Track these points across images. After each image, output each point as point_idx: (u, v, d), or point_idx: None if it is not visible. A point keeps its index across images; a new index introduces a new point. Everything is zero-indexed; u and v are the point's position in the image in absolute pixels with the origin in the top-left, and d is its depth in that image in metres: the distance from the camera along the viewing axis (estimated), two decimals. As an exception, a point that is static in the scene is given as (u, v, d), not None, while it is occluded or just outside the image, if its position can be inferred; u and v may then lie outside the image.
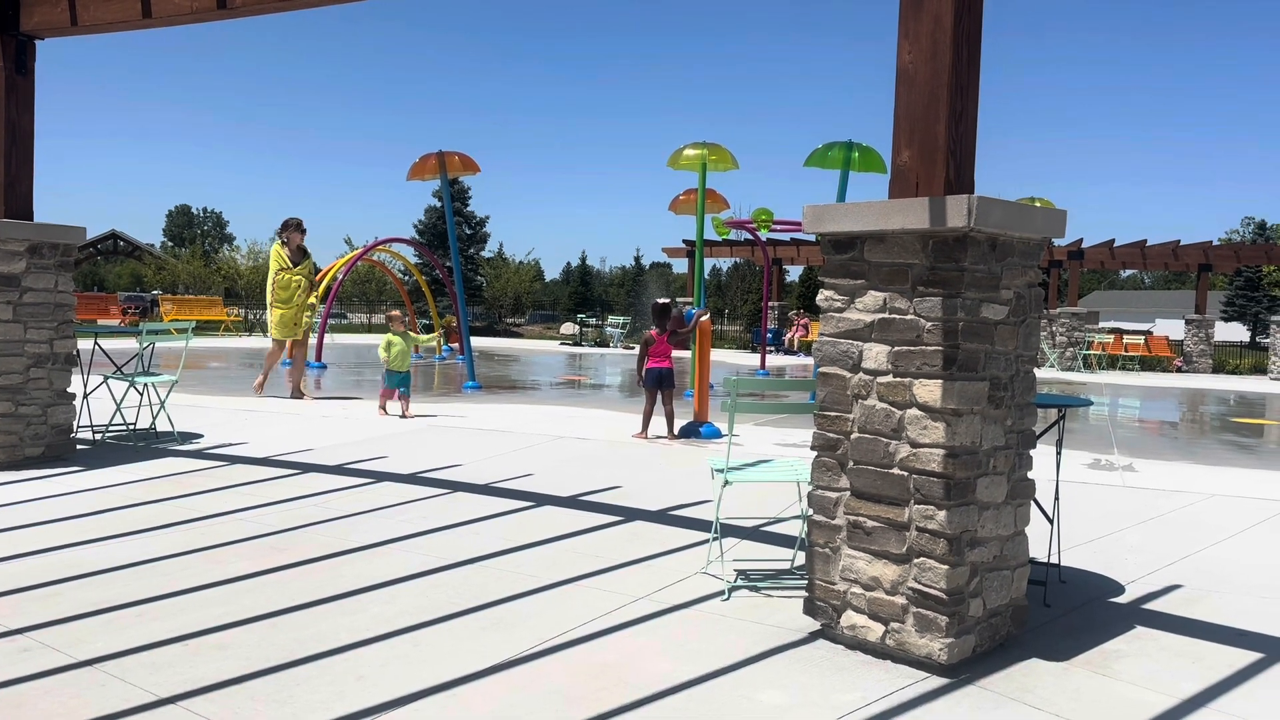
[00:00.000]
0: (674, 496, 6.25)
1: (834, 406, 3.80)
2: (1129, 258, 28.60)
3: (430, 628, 3.83)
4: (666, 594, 4.27)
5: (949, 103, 3.58)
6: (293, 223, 11.46)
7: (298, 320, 11.40)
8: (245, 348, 22.81)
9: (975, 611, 3.57)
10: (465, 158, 13.47)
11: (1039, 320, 3.89)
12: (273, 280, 11.33)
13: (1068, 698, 3.28)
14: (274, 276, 11.33)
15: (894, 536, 3.59)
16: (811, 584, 3.85)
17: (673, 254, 33.61)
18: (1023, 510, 3.82)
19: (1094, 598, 4.40)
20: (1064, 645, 3.76)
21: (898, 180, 3.73)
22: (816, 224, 3.85)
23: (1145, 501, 6.53)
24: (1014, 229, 3.60)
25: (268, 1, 6.29)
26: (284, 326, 11.33)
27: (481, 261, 48.31)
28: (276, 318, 11.31)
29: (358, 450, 7.76)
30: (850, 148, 12.70)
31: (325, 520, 5.50)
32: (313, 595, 4.18)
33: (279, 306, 11.29)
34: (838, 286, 3.82)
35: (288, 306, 11.30)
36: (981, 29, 3.67)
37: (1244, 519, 6.05)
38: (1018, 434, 3.78)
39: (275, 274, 11.32)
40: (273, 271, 11.38)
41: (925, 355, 3.53)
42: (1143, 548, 5.28)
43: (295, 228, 11.42)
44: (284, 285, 11.26)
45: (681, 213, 16.35)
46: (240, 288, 36.00)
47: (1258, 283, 53.43)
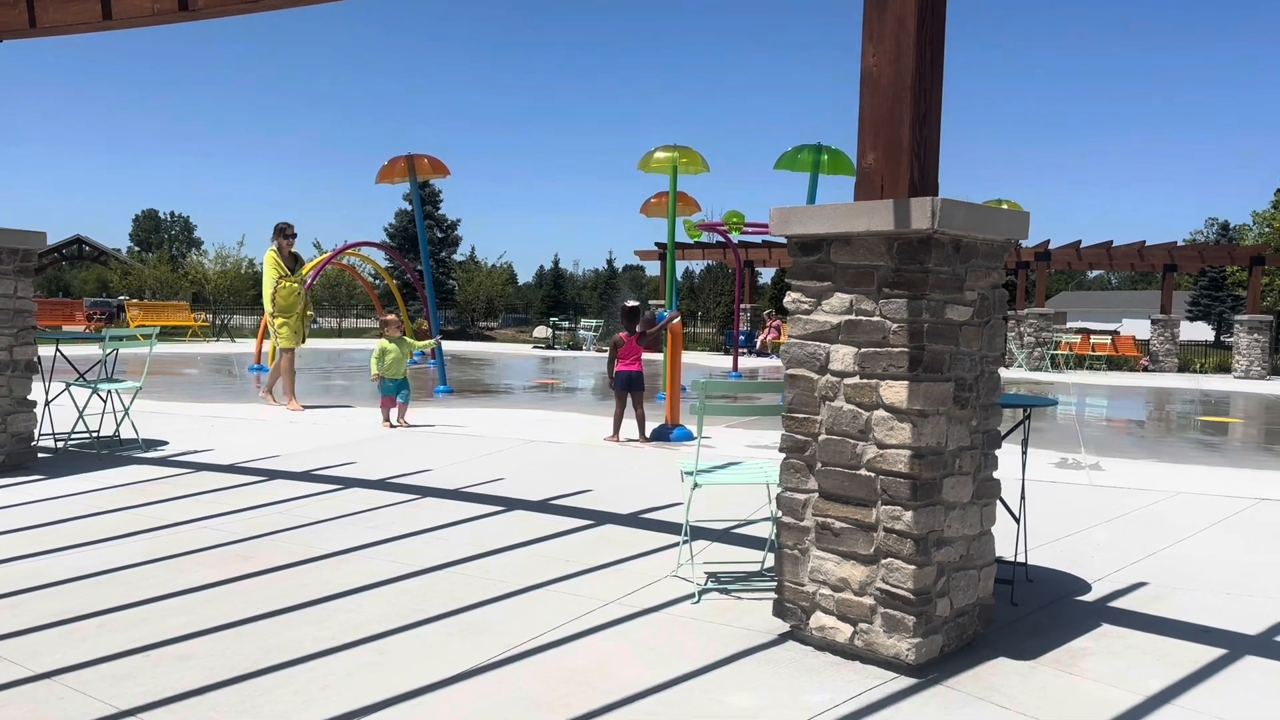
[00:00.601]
0: (645, 500, 6.24)
1: (802, 408, 3.81)
2: (1095, 259, 28.91)
3: (397, 635, 3.79)
4: (637, 598, 4.26)
5: (913, 105, 3.60)
6: (280, 228, 11.13)
7: (298, 329, 11.12)
8: (212, 353, 22.58)
9: (942, 611, 3.59)
10: (435, 160, 13.41)
11: (1003, 321, 3.91)
12: (273, 289, 10.98)
13: (1035, 696, 3.30)
14: (274, 285, 10.97)
15: (862, 537, 3.60)
16: (781, 586, 3.85)
17: (645, 256, 33.60)
18: (988, 510, 3.84)
19: (1061, 596, 4.43)
20: (1031, 644, 3.78)
21: (863, 183, 3.74)
22: (783, 226, 3.85)
23: (1111, 500, 6.60)
24: (978, 231, 3.61)
25: (231, 4, 6.22)
26: (292, 335, 11.04)
27: (453, 265, 48.07)
28: (282, 329, 10.97)
29: (325, 456, 7.70)
30: (819, 150, 12.77)
31: (291, 528, 5.44)
32: (278, 604, 4.13)
33: (283, 318, 10.96)
34: (805, 288, 3.82)
35: (290, 315, 11.00)
36: (945, 32, 3.69)
37: (1208, 517, 6.12)
38: (983, 434, 3.80)
39: (275, 282, 10.97)
40: (270, 280, 11.03)
41: (891, 357, 3.54)
42: (1109, 546, 5.33)
43: (283, 233, 11.08)
44: (285, 294, 10.95)
45: (653, 215, 16.36)
46: (208, 293, 35.62)
47: (1221, 283, 54.19)
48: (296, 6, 6.24)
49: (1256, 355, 24.89)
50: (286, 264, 11.04)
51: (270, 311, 11.00)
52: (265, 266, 11.18)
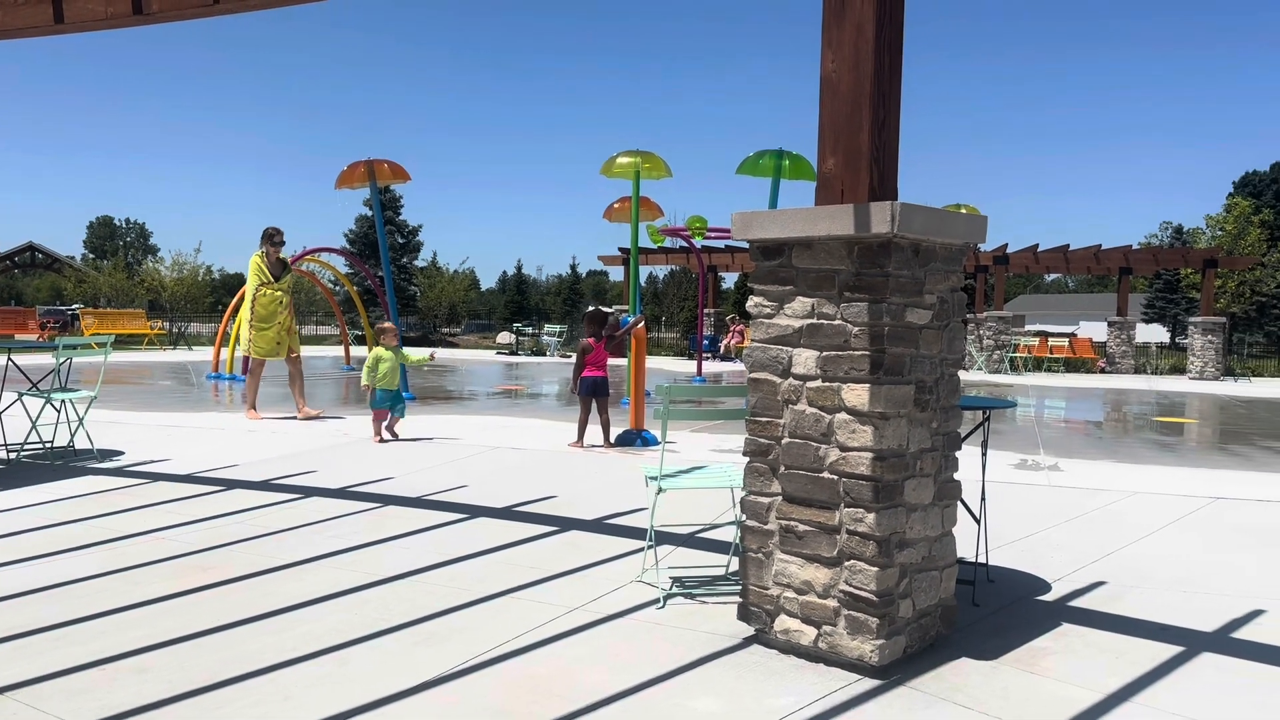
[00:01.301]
0: (610, 505, 6.23)
1: (765, 412, 3.82)
2: (1052, 262, 29.34)
3: (359, 645, 3.75)
4: (602, 604, 4.25)
5: (872, 111, 3.63)
6: (268, 233, 10.78)
7: (280, 339, 10.71)
8: (169, 361, 22.25)
9: (905, 613, 3.61)
10: (395, 165, 13.32)
11: (962, 324, 3.95)
12: (252, 296, 10.63)
13: (997, 696, 3.33)
14: (254, 291, 10.62)
15: (825, 540, 3.62)
16: (745, 589, 3.86)
17: (609, 262, 33.61)
18: (949, 511, 3.87)
19: (1021, 596, 4.48)
20: (992, 644, 3.82)
21: (824, 187, 3.77)
22: (745, 231, 3.86)
23: (1070, 500, 6.69)
24: (936, 235, 3.65)
25: (187, 8, 6.15)
26: (267, 346, 10.64)
27: (415, 271, 47.81)
28: (255, 337, 10.60)
29: (285, 465, 7.60)
30: (780, 155, 12.85)
31: (251, 538, 5.36)
32: (237, 615, 4.07)
33: (259, 325, 10.58)
34: (767, 293, 3.84)
35: (268, 325, 10.60)
36: (903, 39, 3.72)
37: (1164, 516, 6.22)
38: (943, 436, 3.84)
39: (256, 289, 10.61)
40: (252, 286, 10.67)
41: (853, 360, 3.56)
42: (1068, 546, 5.40)
43: (270, 239, 10.75)
44: (266, 302, 10.59)
45: (616, 220, 16.37)
46: (165, 300, 35.13)
47: (1176, 285, 55.17)
48: (254, 10, 6.18)
49: (1210, 356, 25.37)
50: (271, 270, 10.70)
51: (248, 319, 10.65)
52: (249, 272, 10.83)
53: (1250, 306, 48.37)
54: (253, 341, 10.65)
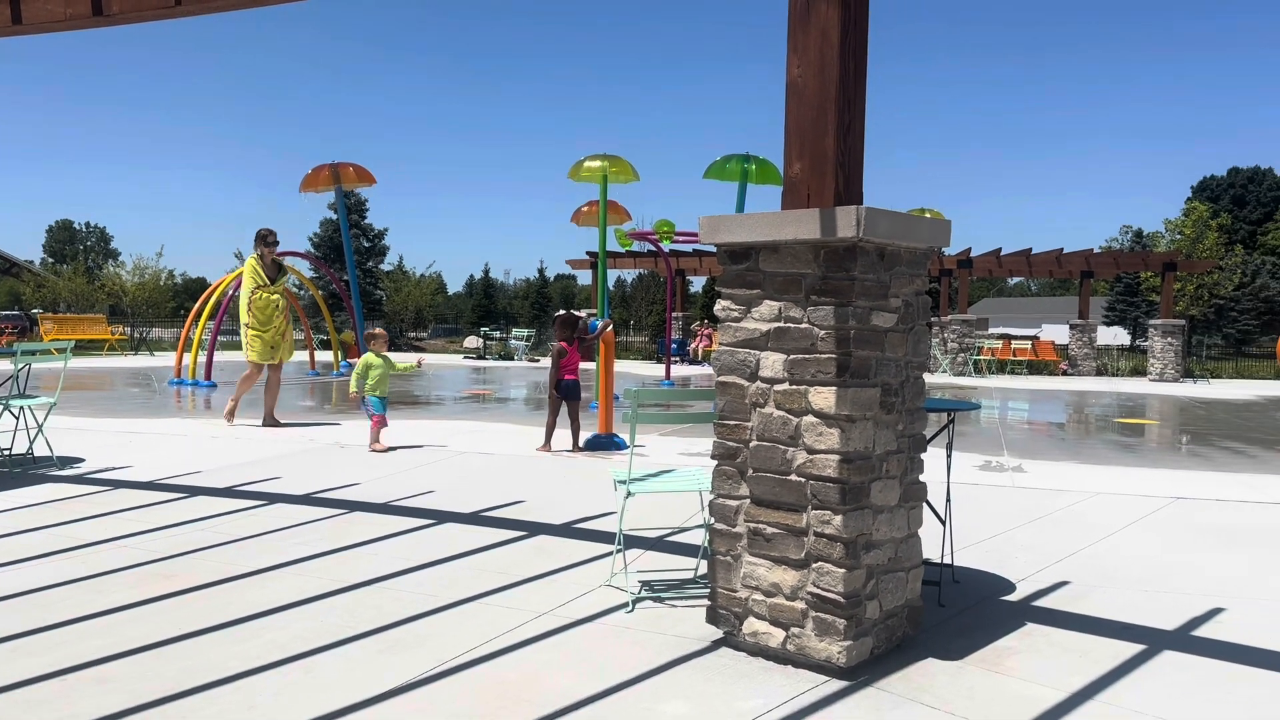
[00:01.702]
0: (578, 509, 6.22)
1: (733, 415, 3.83)
2: (1015, 266, 29.68)
3: (325, 652, 3.71)
4: (570, 608, 4.24)
5: (837, 116, 3.65)
6: (262, 235, 10.63)
7: (275, 344, 10.56)
8: (131, 367, 21.94)
9: (872, 614, 3.64)
10: (360, 169, 13.24)
11: (927, 327, 3.99)
12: (249, 299, 10.46)
13: (962, 696, 3.36)
14: (250, 294, 10.46)
15: (793, 542, 3.63)
16: (714, 592, 3.87)
17: (577, 265, 33.58)
18: (915, 513, 3.90)
19: (986, 596, 4.52)
20: (958, 644, 3.85)
21: (790, 192, 3.79)
22: (712, 235, 3.88)
23: (1034, 501, 6.76)
24: (901, 239, 3.68)
25: (148, 9, 6.07)
26: (264, 350, 10.48)
27: (381, 275, 47.47)
28: (254, 340, 10.44)
29: (249, 471, 7.52)
30: (747, 160, 12.92)
31: (215, 545, 5.30)
32: (201, 623, 4.02)
33: (256, 329, 10.42)
34: (734, 296, 3.85)
35: (265, 329, 10.44)
36: (867, 44, 3.76)
37: (1126, 516, 6.31)
38: (909, 438, 3.87)
39: (251, 292, 10.45)
40: (248, 289, 10.51)
41: (819, 363, 3.58)
42: (1032, 546, 5.46)
43: (264, 240, 10.59)
44: (262, 306, 10.42)
45: (584, 224, 16.38)
46: (126, 305, 34.64)
47: (1136, 288, 55.98)
48: (216, 12, 6.11)
49: (1170, 358, 25.77)
50: (268, 273, 10.54)
51: (246, 321, 10.47)
52: (244, 275, 10.66)
53: (1209, 309, 49.18)
54: (249, 345, 10.48)
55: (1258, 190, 63.62)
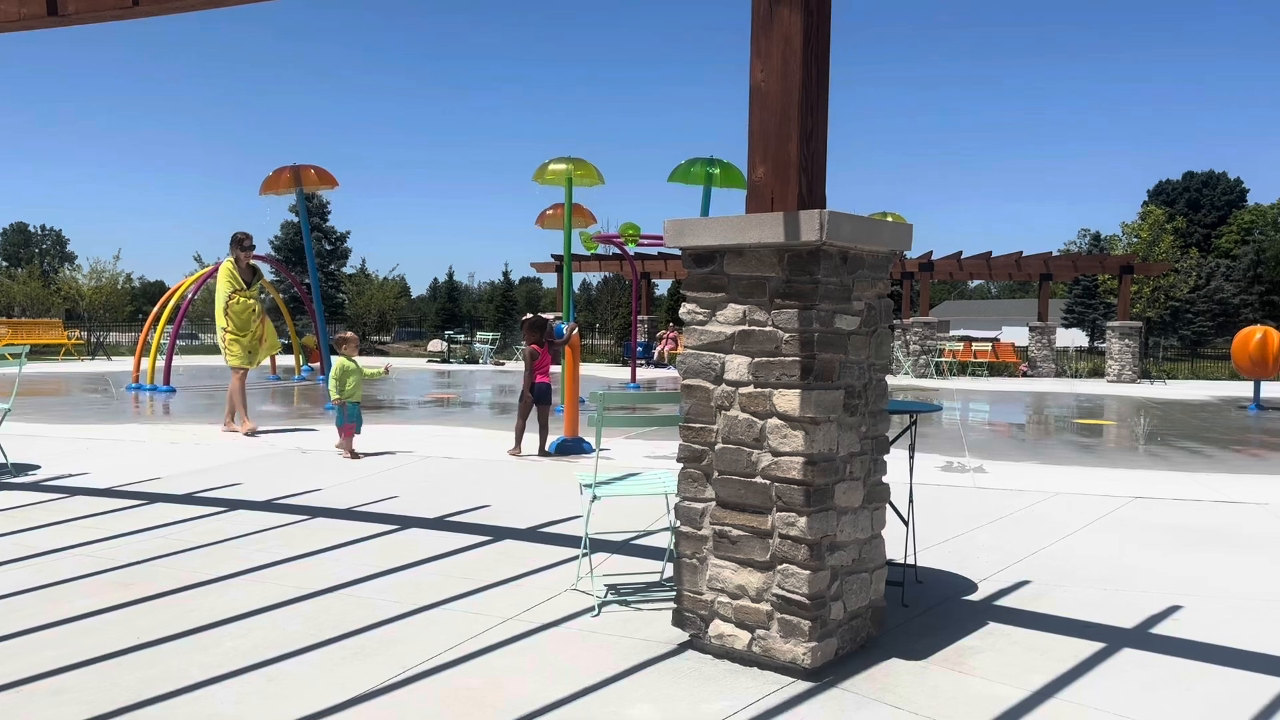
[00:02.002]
0: (544, 513, 6.21)
1: (698, 418, 3.84)
2: (976, 269, 30.04)
3: (288, 660, 3.67)
4: (536, 613, 4.23)
5: (800, 120, 3.68)
6: (238, 238, 10.45)
7: (254, 348, 10.41)
8: (88, 372, 21.59)
9: (837, 615, 3.66)
10: (322, 171, 13.12)
11: (889, 330, 4.02)
12: (225, 304, 10.28)
13: (926, 695, 3.39)
14: (226, 299, 10.27)
15: (758, 544, 3.65)
16: (680, 595, 3.87)
17: (542, 269, 33.52)
18: (879, 514, 3.93)
19: (949, 596, 4.57)
20: (921, 644, 3.88)
21: (754, 196, 3.81)
22: (677, 238, 3.89)
23: (995, 501, 6.85)
24: (864, 242, 3.71)
25: (104, 9, 5.97)
26: (244, 355, 10.33)
27: (343, 278, 47.10)
28: (233, 345, 10.27)
29: (209, 478, 7.43)
30: (711, 164, 12.97)
31: (174, 553, 5.22)
32: (160, 632, 3.96)
33: (235, 334, 10.26)
34: (699, 300, 3.86)
35: (244, 334, 10.29)
36: (829, 50, 3.78)
37: (1085, 515, 6.40)
38: (872, 440, 3.90)
39: (228, 296, 10.27)
40: (223, 294, 10.32)
41: (784, 366, 3.60)
42: (993, 546, 5.53)
43: (240, 243, 10.41)
44: (239, 311, 10.26)
45: (549, 227, 16.36)
46: (83, 309, 34.07)
47: (1094, 290, 56.83)
48: (173, 13, 6.03)
49: (1128, 360, 26.19)
50: (243, 277, 10.39)
51: (223, 326, 10.31)
52: (219, 279, 10.48)
53: (1165, 311, 50.06)
54: (228, 350, 10.32)
55: (1212, 194, 64.88)
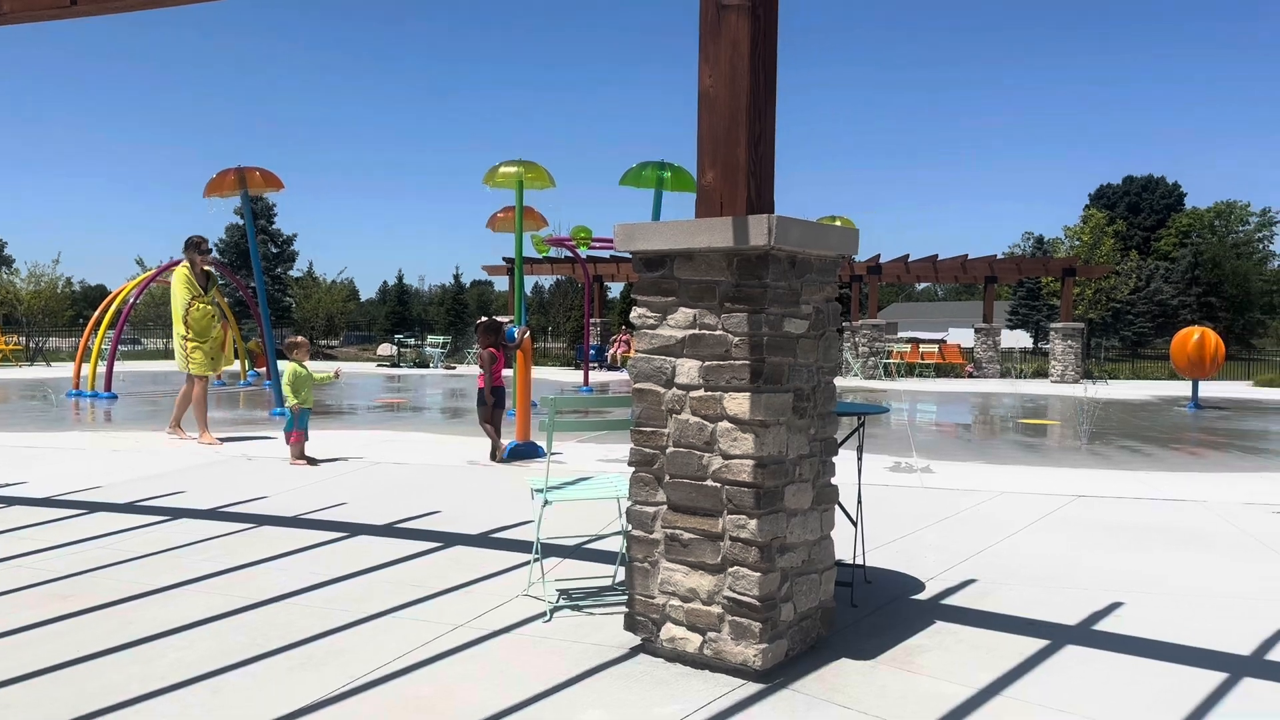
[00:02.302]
0: (496, 519, 6.17)
1: (649, 422, 3.84)
2: (922, 271, 30.46)
3: (233, 671, 3.61)
4: (487, 619, 4.20)
5: (748, 125, 3.70)
6: (194, 242, 10.17)
7: (216, 354, 10.15)
8: (26, 379, 21.07)
9: (787, 616, 3.69)
10: (267, 173, 12.93)
11: (837, 333, 4.06)
12: (184, 310, 9.99)
13: (874, 695, 3.42)
14: (185, 305, 9.98)
15: (709, 547, 3.66)
16: (631, 599, 3.87)
17: (493, 272, 33.38)
18: (828, 515, 3.97)
19: (897, 596, 4.62)
20: (870, 644, 3.93)
21: (703, 200, 3.82)
22: (628, 242, 3.89)
23: (942, 501, 6.94)
24: (812, 246, 3.74)
25: (41, 9, 5.82)
26: (205, 362, 10.03)
27: (290, 281, 46.48)
28: (194, 353, 9.97)
29: (152, 486, 7.28)
30: (662, 167, 13.00)
31: (116, 563, 5.11)
32: (101, 644, 3.87)
33: (196, 341, 9.96)
34: (650, 304, 3.87)
35: (204, 340, 10.00)
36: (777, 55, 3.81)
37: (1029, 514, 6.52)
38: (821, 442, 3.93)
39: (187, 303, 9.97)
40: (182, 299, 10.01)
41: (734, 369, 3.62)
42: (941, 545, 5.60)
43: (196, 247, 10.14)
44: (199, 317, 9.96)
45: (500, 230, 16.27)
46: (21, 314, 33.22)
47: (1038, 292, 57.87)
48: (112, 13, 5.91)
49: (1070, 360, 26.73)
50: (200, 282, 10.12)
51: (183, 334, 10.00)
52: (175, 284, 10.17)
53: (1106, 313, 51.12)
54: (190, 358, 10.02)
55: (1151, 198, 66.43)
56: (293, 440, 8.49)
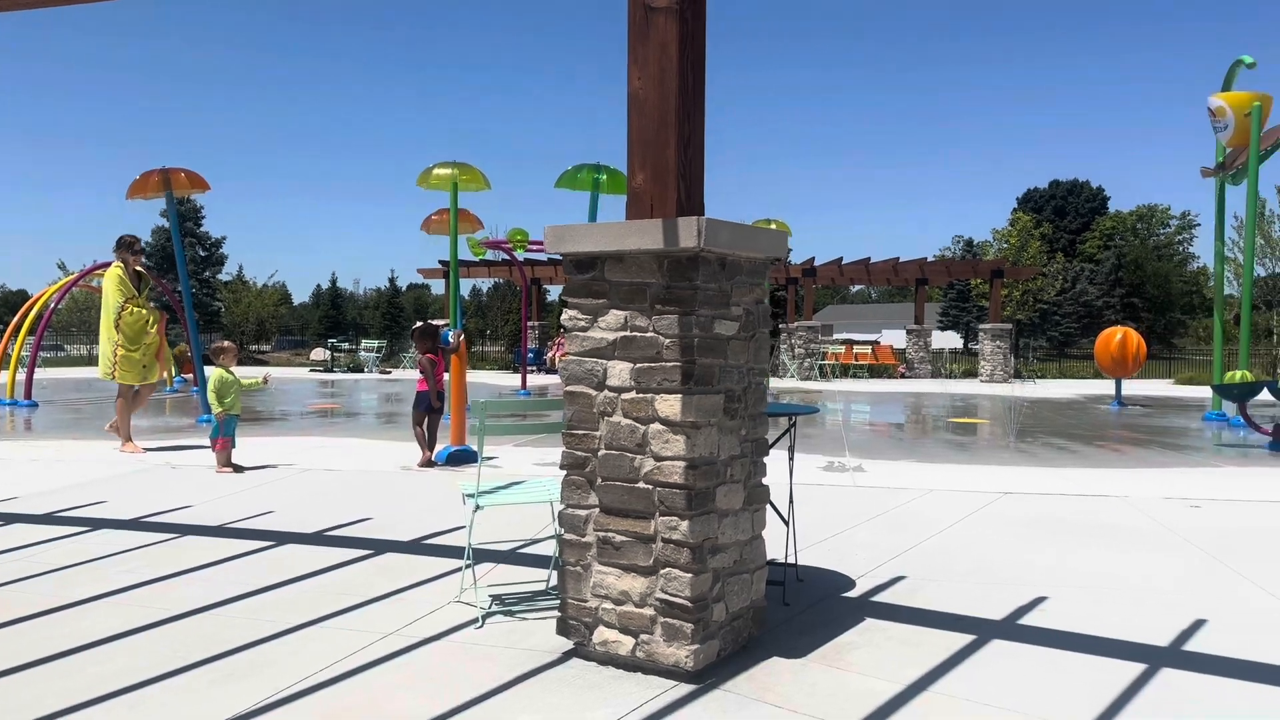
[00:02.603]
0: (429, 525, 6.10)
1: (581, 424, 3.83)
2: (856, 274, 30.90)
3: (154, 685, 3.51)
4: (418, 627, 4.14)
5: (678, 128, 3.71)
6: (127, 241, 9.78)
7: (149, 363, 9.72)
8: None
9: (719, 616, 3.70)
10: (192, 174, 12.63)
11: (767, 335, 4.09)
12: (116, 313, 9.56)
13: (804, 693, 3.45)
14: (118, 308, 9.56)
15: (641, 549, 3.66)
16: (564, 603, 3.85)
17: (429, 275, 33.07)
18: (759, 515, 3.99)
19: (829, 594, 4.66)
20: (801, 642, 3.96)
21: (634, 202, 3.82)
22: (558, 244, 3.87)
23: (873, 499, 7.04)
24: (741, 249, 3.76)
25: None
26: (136, 371, 9.63)
27: (219, 285, 45.49)
28: (124, 361, 9.55)
29: (71, 496, 7.06)
30: (598, 170, 12.98)
31: (32, 576, 4.94)
32: (16, 660, 3.73)
33: (128, 349, 9.55)
34: (581, 306, 3.85)
35: (135, 347, 9.58)
36: (705, 58, 3.83)
37: (958, 511, 6.63)
38: (752, 443, 3.95)
39: (120, 306, 9.56)
40: (115, 302, 9.60)
41: (665, 371, 3.62)
42: (871, 543, 5.67)
43: (129, 247, 9.75)
44: (132, 322, 9.55)
45: (434, 233, 16.10)
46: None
47: (968, 294, 59.10)
48: (18, 9, 5.71)
49: (999, 360, 27.30)
50: (133, 283, 9.71)
51: (114, 339, 9.59)
52: (108, 286, 9.72)
53: (1034, 314, 52.41)
54: (118, 366, 9.61)
55: (1077, 201, 68.25)
56: (219, 447, 8.30)
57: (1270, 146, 13.88)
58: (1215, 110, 13.92)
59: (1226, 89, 14.48)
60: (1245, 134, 13.53)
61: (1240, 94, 13.81)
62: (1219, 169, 14.87)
